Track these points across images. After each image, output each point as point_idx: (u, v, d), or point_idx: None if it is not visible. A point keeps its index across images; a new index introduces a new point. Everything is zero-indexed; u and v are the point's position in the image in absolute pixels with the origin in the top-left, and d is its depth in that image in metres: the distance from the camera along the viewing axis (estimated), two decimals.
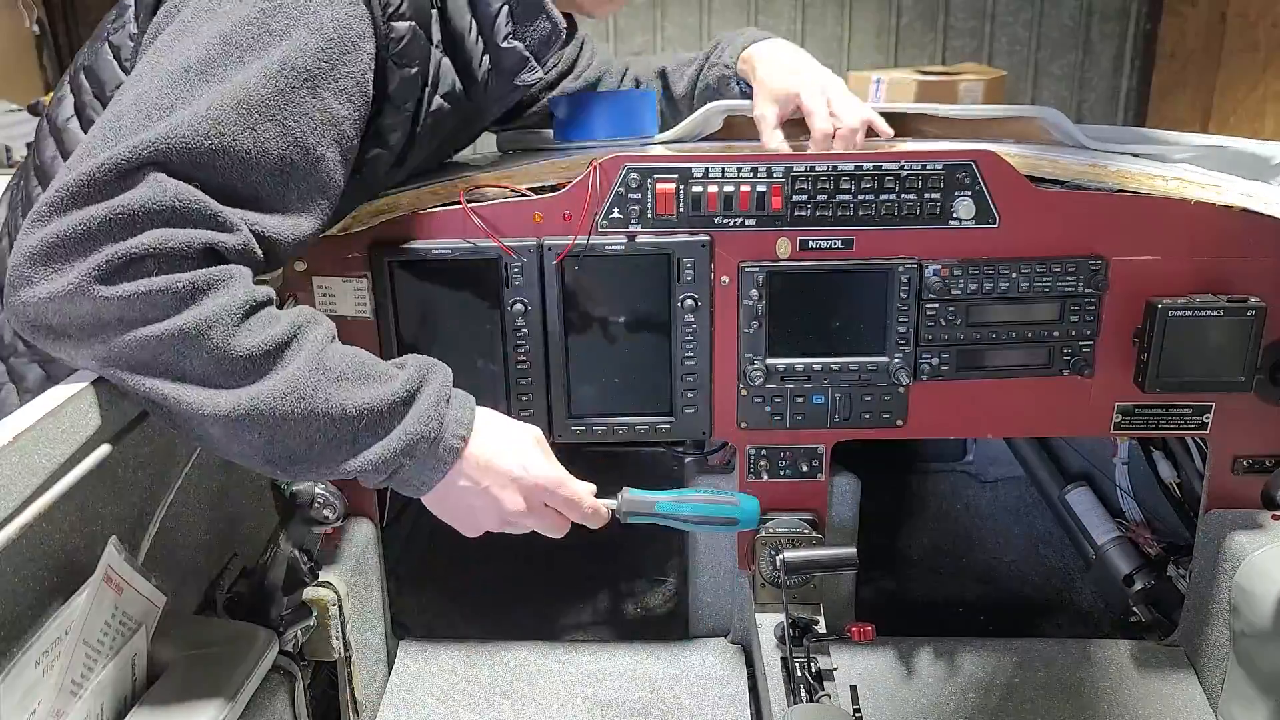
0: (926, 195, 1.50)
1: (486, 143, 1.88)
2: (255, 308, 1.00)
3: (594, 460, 2.51)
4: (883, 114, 1.61)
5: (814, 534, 1.63)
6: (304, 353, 1.01)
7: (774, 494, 1.66)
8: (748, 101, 1.63)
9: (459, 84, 1.34)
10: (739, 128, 1.66)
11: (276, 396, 0.98)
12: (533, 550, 2.30)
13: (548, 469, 1.17)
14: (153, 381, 0.97)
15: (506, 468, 1.12)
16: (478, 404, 1.10)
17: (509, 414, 1.56)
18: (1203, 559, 1.64)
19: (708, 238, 1.51)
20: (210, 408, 0.97)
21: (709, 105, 1.61)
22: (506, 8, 1.32)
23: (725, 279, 1.54)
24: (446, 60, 1.31)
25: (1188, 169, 1.53)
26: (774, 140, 1.54)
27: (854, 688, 1.46)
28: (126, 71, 1.20)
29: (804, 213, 1.51)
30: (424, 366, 1.10)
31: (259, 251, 1.04)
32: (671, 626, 2.02)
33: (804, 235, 1.52)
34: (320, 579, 1.42)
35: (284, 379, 0.99)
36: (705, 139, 1.66)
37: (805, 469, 1.65)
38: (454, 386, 1.12)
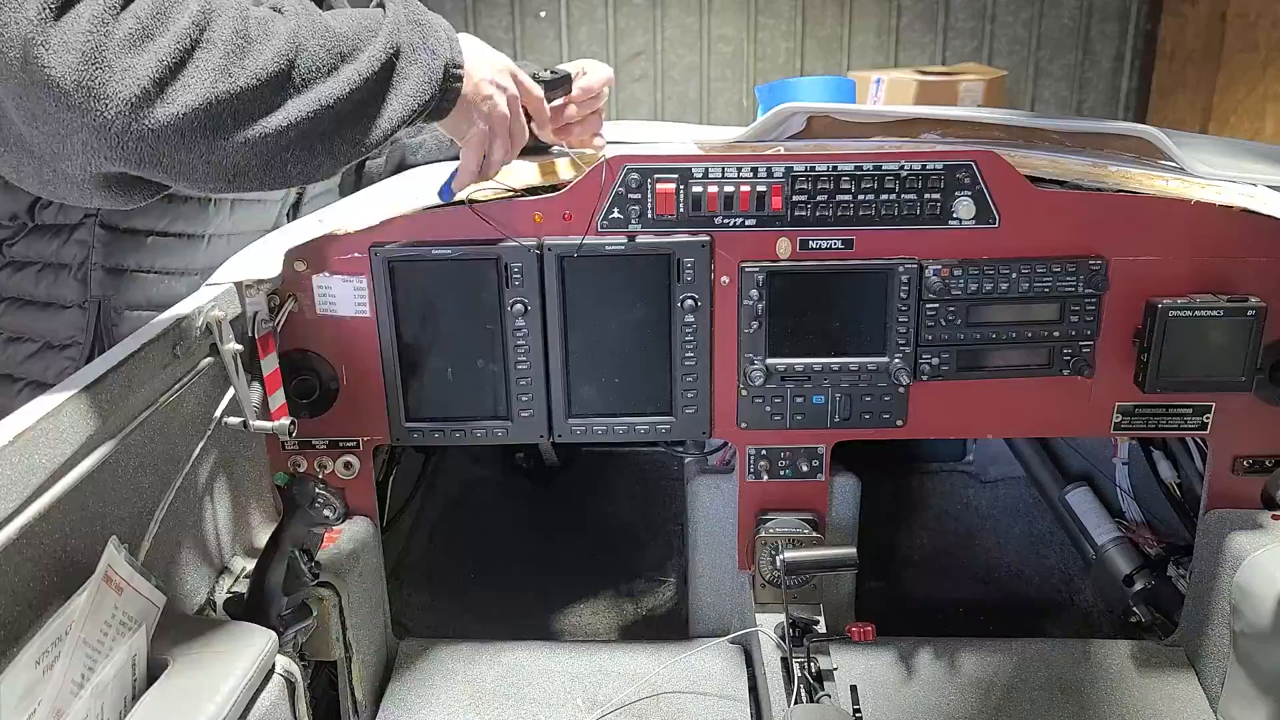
0: (926, 195, 1.50)
1: None
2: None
3: (594, 460, 2.53)
4: (970, 122, 1.61)
5: (814, 534, 1.64)
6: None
7: (774, 494, 1.67)
8: (825, 105, 1.64)
9: None
10: (824, 128, 1.66)
11: (323, 90, 1.04)
12: (533, 550, 2.31)
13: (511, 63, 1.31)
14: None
15: (493, 60, 1.27)
16: (477, 404, 1.10)
17: (509, 415, 1.58)
18: (1203, 559, 1.65)
19: (708, 238, 1.51)
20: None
21: (781, 106, 1.60)
22: None
23: (725, 279, 1.54)
24: None
25: None
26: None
27: (854, 688, 1.46)
28: None
29: (804, 213, 1.51)
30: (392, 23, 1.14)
31: None
32: (671, 626, 2.02)
33: (804, 235, 1.52)
34: (320, 579, 1.42)
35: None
36: (791, 138, 1.65)
37: (805, 469, 1.66)
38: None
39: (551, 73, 1.44)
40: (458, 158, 1.35)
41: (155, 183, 1.06)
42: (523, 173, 1.53)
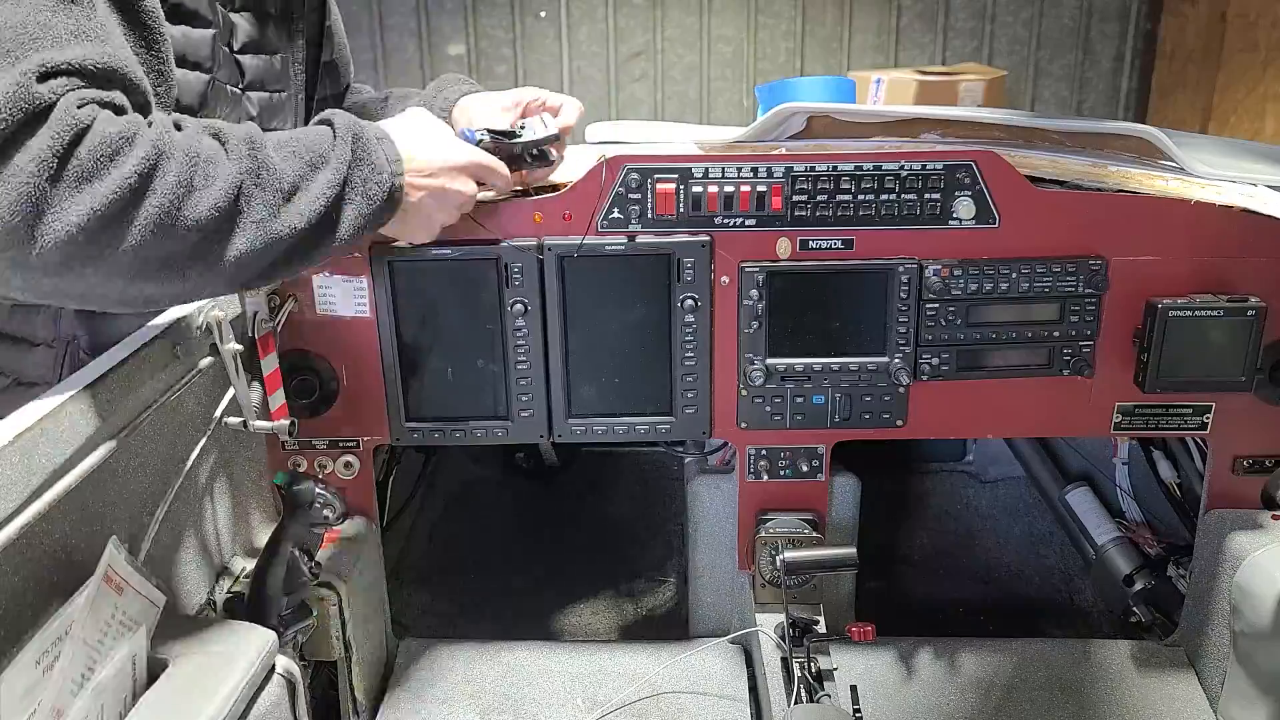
0: (926, 195, 1.50)
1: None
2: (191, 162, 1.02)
3: (594, 460, 2.53)
4: (971, 122, 1.61)
5: (814, 534, 1.64)
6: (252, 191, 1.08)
7: (774, 494, 1.67)
8: (825, 105, 1.64)
9: None
10: (825, 128, 1.66)
11: (260, 232, 1.07)
12: (533, 550, 2.31)
13: (465, 152, 1.32)
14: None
15: (444, 162, 1.28)
16: (477, 404, 1.11)
17: (509, 414, 1.58)
18: (1203, 559, 1.65)
19: (708, 238, 1.51)
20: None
21: (781, 106, 1.60)
22: None
23: (725, 279, 1.54)
24: None
25: None
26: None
27: (854, 688, 1.46)
28: None
29: (804, 213, 1.51)
30: (340, 143, 1.17)
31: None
32: (671, 626, 2.02)
33: (804, 235, 1.52)
34: (320, 579, 1.42)
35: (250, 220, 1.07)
36: (791, 138, 1.65)
37: (805, 469, 1.66)
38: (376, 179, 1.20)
39: (535, 153, 1.44)
40: None
41: None
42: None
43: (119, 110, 1.00)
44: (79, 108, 0.95)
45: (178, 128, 1.05)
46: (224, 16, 1.24)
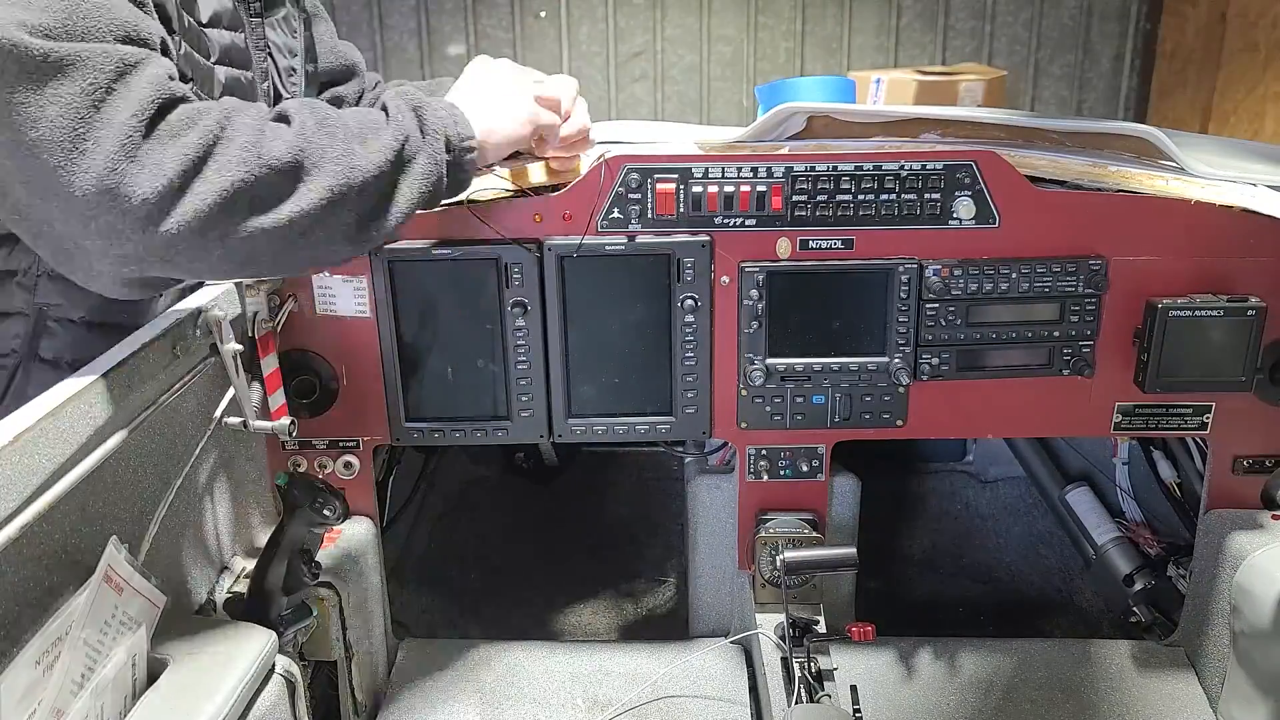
0: (926, 195, 1.50)
1: None
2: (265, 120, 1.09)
3: (594, 460, 2.53)
4: (971, 122, 1.60)
5: (814, 534, 1.64)
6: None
7: (774, 494, 1.67)
8: (825, 105, 1.64)
9: None
10: (824, 128, 1.66)
11: (338, 172, 1.10)
12: (533, 550, 2.31)
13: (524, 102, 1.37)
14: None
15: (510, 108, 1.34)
16: (477, 404, 1.10)
17: (509, 414, 1.58)
18: (1203, 559, 1.65)
19: (708, 238, 1.51)
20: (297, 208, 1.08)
21: (781, 106, 1.60)
22: None
23: (725, 279, 1.54)
24: None
25: None
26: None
27: (854, 688, 1.46)
28: None
29: (804, 213, 1.51)
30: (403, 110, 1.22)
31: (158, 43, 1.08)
32: (671, 626, 2.02)
33: (804, 235, 1.52)
34: (320, 579, 1.42)
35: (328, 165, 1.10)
36: (791, 138, 1.65)
37: (805, 469, 1.66)
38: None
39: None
40: None
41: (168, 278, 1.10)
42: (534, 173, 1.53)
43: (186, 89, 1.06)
44: (168, 79, 1.02)
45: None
46: None
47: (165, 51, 1.11)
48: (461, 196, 1.41)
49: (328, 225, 1.11)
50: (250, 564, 1.39)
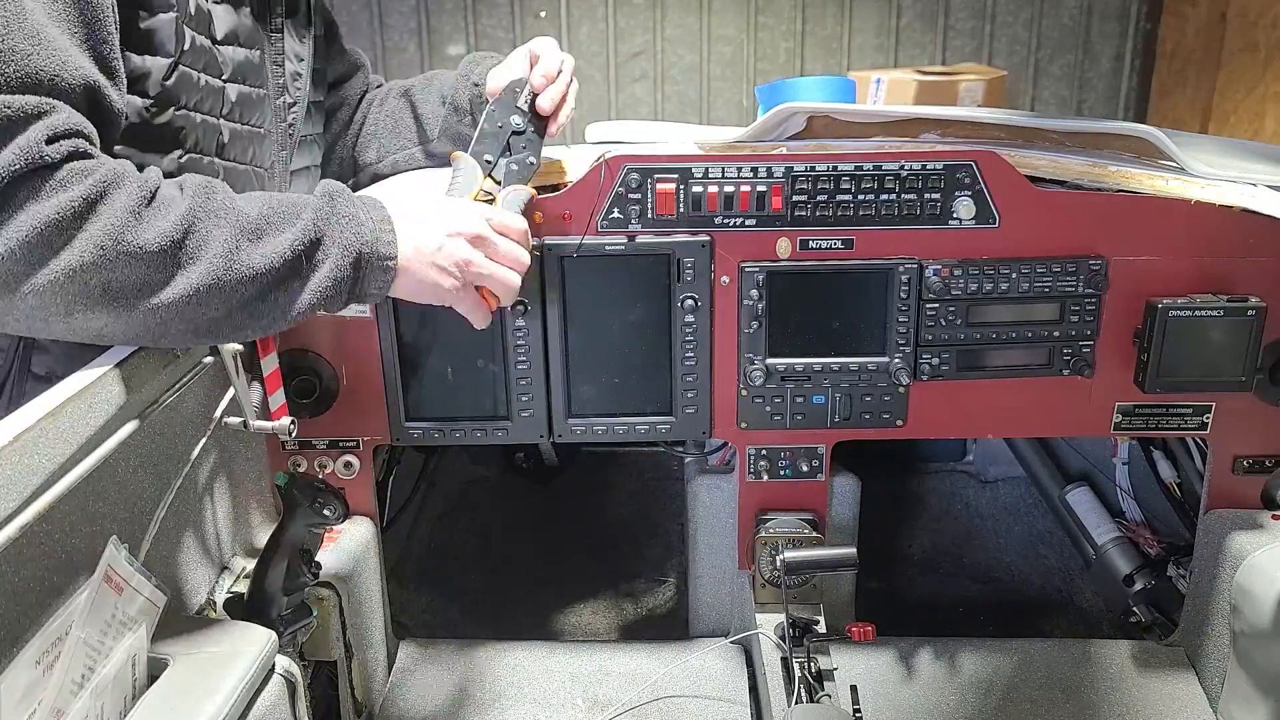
0: (926, 195, 1.50)
1: None
2: (146, 198, 1.00)
3: (594, 460, 2.53)
4: (971, 122, 1.60)
5: (814, 534, 1.64)
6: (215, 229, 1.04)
7: (774, 494, 1.67)
8: (825, 105, 1.64)
9: None
10: (824, 128, 1.66)
11: (212, 271, 1.02)
12: (533, 550, 2.31)
13: (462, 213, 1.24)
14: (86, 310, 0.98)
15: (437, 245, 1.21)
16: (477, 404, 1.09)
17: (509, 414, 1.58)
18: (1203, 559, 1.64)
19: (708, 238, 1.51)
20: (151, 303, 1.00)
21: (781, 106, 1.60)
22: None
23: (725, 279, 1.54)
24: None
25: None
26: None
27: (854, 688, 1.46)
28: None
29: (804, 213, 1.51)
30: (322, 205, 1.14)
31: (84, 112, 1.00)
32: (671, 626, 2.02)
33: (804, 235, 1.52)
34: (320, 579, 1.42)
35: (208, 258, 1.03)
36: (791, 138, 1.65)
37: (805, 469, 1.65)
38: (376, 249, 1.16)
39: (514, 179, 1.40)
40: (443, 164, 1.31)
41: None
42: None
43: (85, 145, 0.99)
44: (48, 143, 0.94)
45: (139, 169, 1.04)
46: (197, 5, 1.23)
47: (95, 96, 1.03)
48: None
49: (193, 319, 1.05)
50: (250, 564, 1.39)
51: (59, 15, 1.00)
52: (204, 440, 1.31)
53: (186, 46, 1.20)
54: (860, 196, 1.50)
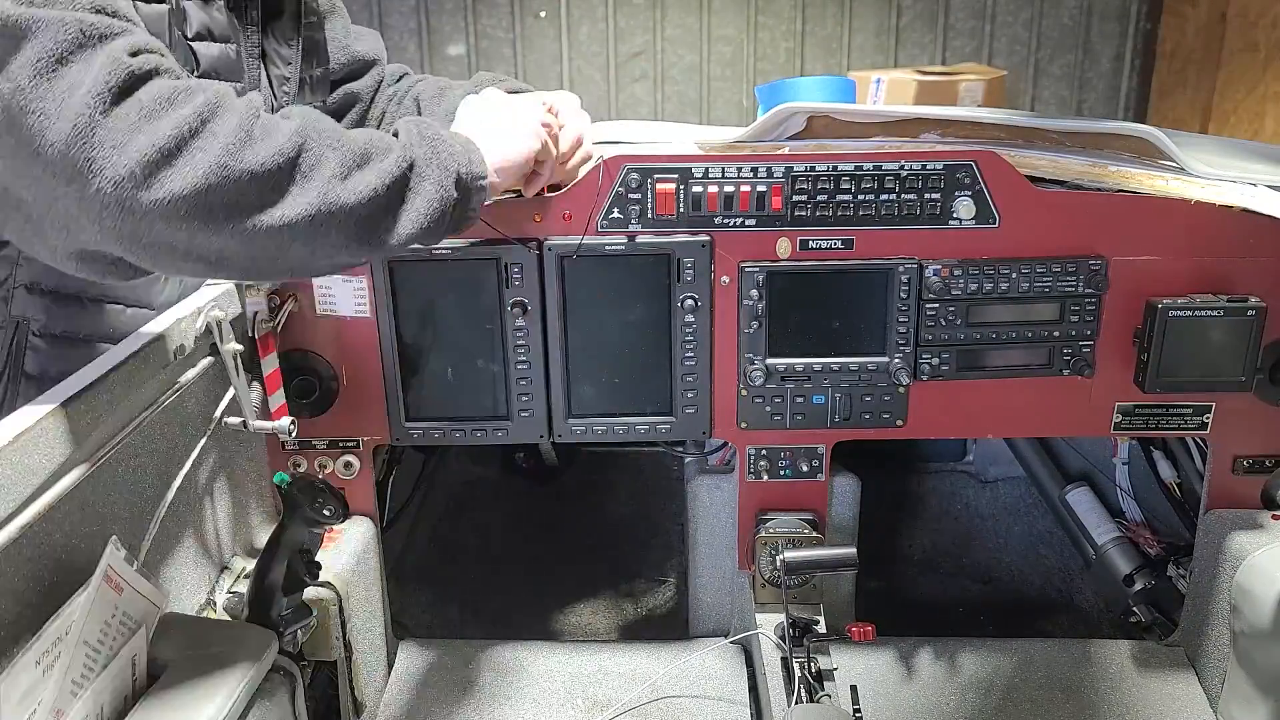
0: (926, 195, 1.50)
1: None
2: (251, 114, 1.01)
3: (594, 460, 2.53)
4: (971, 122, 1.60)
5: (814, 534, 1.64)
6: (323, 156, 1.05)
7: (774, 494, 1.67)
8: (825, 105, 1.64)
9: None
10: (824, 128, 1.66)
11: (327, 189, 1.03)
12: (533, 550, 2.31)
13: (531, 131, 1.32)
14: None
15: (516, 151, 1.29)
16: (477, 404, 1.09)
17: (509, 414, 1.58)
18: (1203, 559, 1.64)
19: (708, 238, 1.51)
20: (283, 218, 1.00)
21: (781, 106, 1.60)
22: None
23: (725, 279, 1.54)
24: None
25: None
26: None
27: (854, 688, 1.46)
28: None
29: (804, 213, 1.51)
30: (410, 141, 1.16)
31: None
32: (671, 626, 2.02)
33: (804, 235, 1.52)
34: (320, 579, 1.42)
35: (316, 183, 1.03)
36: (791, 138, 1.65)
37: (805, 469, 1.66)
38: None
39: None
40: None
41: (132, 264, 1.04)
42: None
43: (168, 62, 1.00)
44: (131, 55, 0.95)
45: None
46: (177, 1, 1.23)
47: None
48: None
49: (310, 242, 1.04)
50: (250, 564, 1.39)
51: None
52: (204, 440, 1.31)
53: (171, 40, 1.21)
54: (860, 196, 1.50)
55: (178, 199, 0.93)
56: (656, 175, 1.49)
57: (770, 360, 1.57)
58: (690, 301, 1.53)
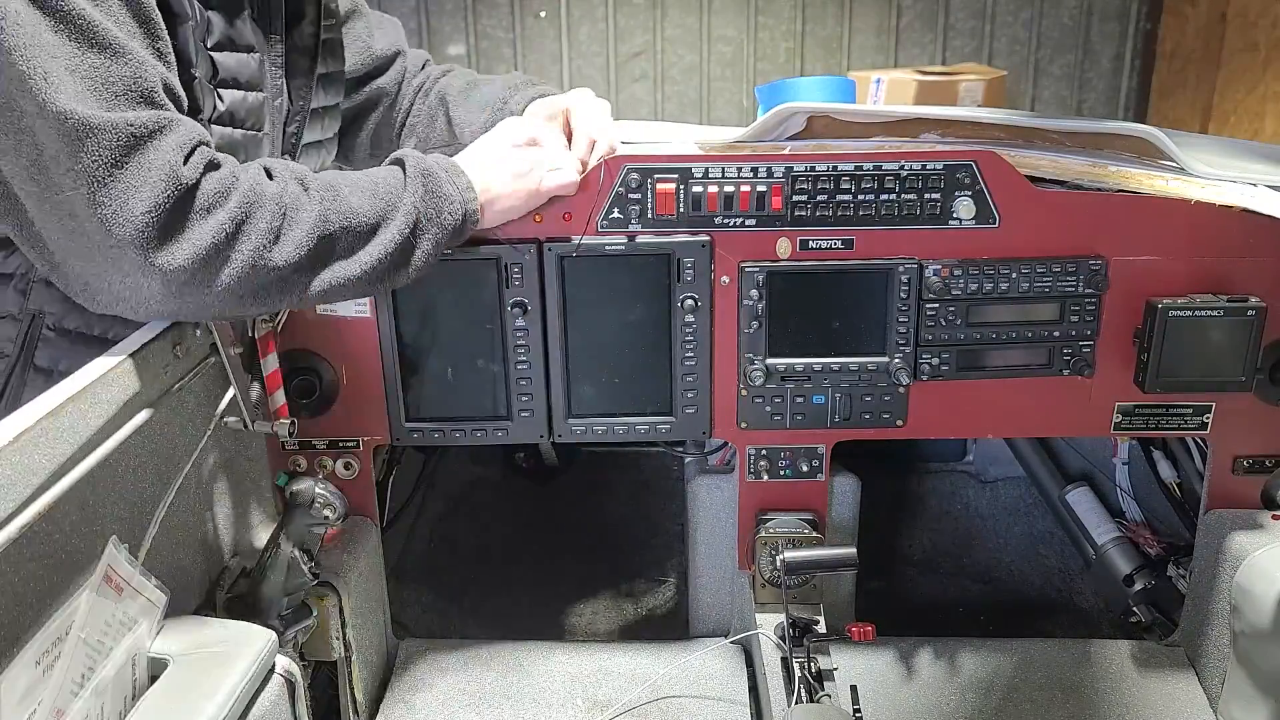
0: (926, 195, 1.50)
1: None
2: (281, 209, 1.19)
3: (594, 460, 2.53)
4: (971, 122, 1.61)
5: (814, 534, 1.64)
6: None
7: (774, 494, 1.67)
8: (825, 105, 1.65)
9: None
10: (824, 128, 1.66)
11: (342, 268, 1.25)
12: (533, 550, 2.31)
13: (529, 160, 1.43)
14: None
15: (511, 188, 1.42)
16: (477, 404, 1.10)
17: (509, 415, 1.58)
18: (1203, 559, 1.65)
19: (708, 238, 1.51)
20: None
21: (781, 106, 1.60)
22: None
23: (725, 279, 1.54)
24: None
25: None
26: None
27: (854, 688, 1.46)
28: None
29: (804, 213, 1.51)
30: (408, 186, 1.31)
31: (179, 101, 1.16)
32: (671, 626, 2.02)
33: (804, 235, 1.52)
34: (320, 579, 1.42)
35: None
36: (791, 138, 1.65)
37: (805, 469, 1.66)
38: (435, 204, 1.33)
39: None
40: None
41: None
42: None
43: (212, 154, 1.14)
44: (184, 158, 1.09)
45: (268, 174, 1.20)
46: (200, 12, 1.23)
47: (174, 94, 1.16)
48: None
49: (325, 300, 1.27)
50: (250, 564, 1.39)
51: (120, 20, 1.10)
52: (204, 440, 1.31)
53: (194, 53, 1.21)
54: (860, 196, 1.50)
55: (219, 293, 1.13)
56: (656, 175, 1.49)
57: (770, 360, 1.57)
58: (690, 301, 1.53)
